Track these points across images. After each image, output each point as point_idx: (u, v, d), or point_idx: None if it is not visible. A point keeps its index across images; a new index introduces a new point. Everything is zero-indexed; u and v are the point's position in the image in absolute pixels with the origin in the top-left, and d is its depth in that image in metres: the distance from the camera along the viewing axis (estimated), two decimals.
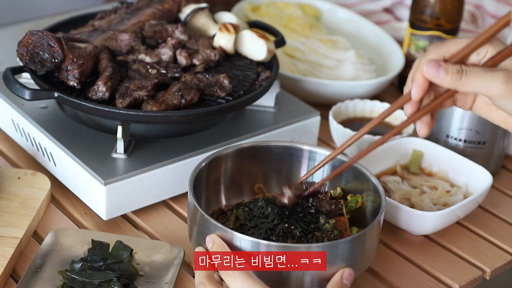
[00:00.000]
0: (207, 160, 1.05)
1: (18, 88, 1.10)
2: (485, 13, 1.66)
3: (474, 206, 1.17)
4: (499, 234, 1.17)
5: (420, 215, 1.11)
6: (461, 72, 0.89)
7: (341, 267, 0.94)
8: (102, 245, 1.04)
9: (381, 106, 1.37)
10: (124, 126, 1.11)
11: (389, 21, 1.72)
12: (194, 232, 0.99)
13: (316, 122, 1.28)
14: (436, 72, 0.89)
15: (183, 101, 1.13)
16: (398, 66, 1.48)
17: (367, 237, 0.97)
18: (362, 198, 1.05)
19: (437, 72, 0.89)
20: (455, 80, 0.89)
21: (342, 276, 0.93)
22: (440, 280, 1.08)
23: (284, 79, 1.39)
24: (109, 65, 1.16)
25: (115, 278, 0.97)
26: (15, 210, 1.09)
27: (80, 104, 1.10)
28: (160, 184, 1.14)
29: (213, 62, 1.24)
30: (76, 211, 1.15)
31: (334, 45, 1.54)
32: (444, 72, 0.89)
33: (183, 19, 1.33)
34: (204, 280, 0.91)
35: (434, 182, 1.21)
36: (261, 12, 1.63)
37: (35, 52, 1.12)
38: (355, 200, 1.05)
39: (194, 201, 0.98)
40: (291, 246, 0.92)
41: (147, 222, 1.14)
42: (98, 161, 1.11)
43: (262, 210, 1.01)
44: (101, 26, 1.27)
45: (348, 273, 0.93)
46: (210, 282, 0.91)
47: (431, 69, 0.90)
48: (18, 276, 1.02)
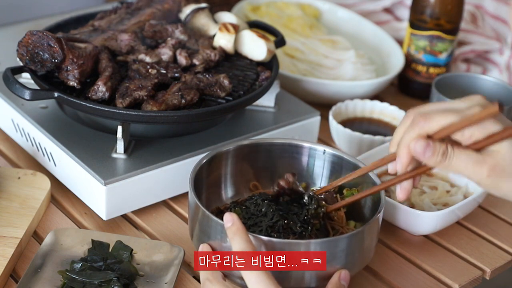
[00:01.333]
0: (208, 157, 1.05)
1: (18, 88, 1.10)
2: (485, 13, 1.66)
3: (474, 206, 1.17)
4: (499, 234, 1.17)
5: (420, 215, 1.11)
6: (446, 155, 0.89)
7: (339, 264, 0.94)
8: (102, 245, 1.04)
9: (381, 106, 1.37)
10: (124, 126, 1.11)
11: (389, 21, 1.72)
12: (196, 231, 1.00)
13: (316, 122, 1.28)
14: (423, 152, 0.90)
15: (183, 101, 1.13)
16: (398, 66, 1.48)
17: (366, 233, 0.97)
18: (357, 191, 1.05)
19: (423, 152, 0.90)
20: (440, 162, 0.90)
21: (340, 277, 0.94)
22: (440, 280, 1.08)
23: (284, 79, 1.39)
24: (109, 65, 1.16)
25: (115, 278, 0.97)
26: (15, 210, 1.09)
27: (80, 104, 1.10)
28: (160, 184, 1.14)
29: (213, 62, 1.24)
30: (76, 211, 1.15)
31: (334, 45, 1.54)
32: (431, 153, 0.90)
33: (183, 19, 1.33)
34: (210, 277, 0.92)
35: (434, 182, 1.21)
36: (261, 12, 1.63)
37: (35, 52, 1.12)
38: (351, 194, 1.05)
39: (196, 198, 0.98)
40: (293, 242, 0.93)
41: (147, 222, 1.14)
42: (98, 161, 1.11)
43: (259, 208, 1.01)
44: (101, 26, 1.27)
45: (345, 274, 0.95)
46: (215, 279, 0.91)
47: (418, 148, 0.90)
48: (18, 276, 1.02)
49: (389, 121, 1.36)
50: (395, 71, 1.47)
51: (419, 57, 1.48)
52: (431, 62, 1.47)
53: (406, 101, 1.50)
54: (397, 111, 1.36)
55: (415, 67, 1.49)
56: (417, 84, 1.49)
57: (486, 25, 1.66)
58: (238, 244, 0.89)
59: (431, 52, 1.47)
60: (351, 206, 1.05)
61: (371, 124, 1.36)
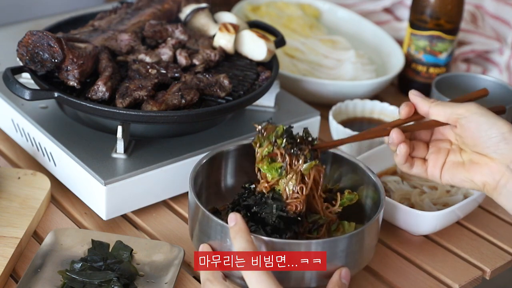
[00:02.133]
0: (208, 157, 1.06)
1: (18, 88, 1.10)
2: (485, 13, 1.66)
3: (474, 206, 1.17)
4: (499, 234, 1.17)
5: (420, 215, 1.11)
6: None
7: (340, 264, 0.94)
8: (102, 245, 1.04)
9: (381, 106, 1.37)
10: (124, 126, 1.11)
11: (389, 21, 1.72)
12: (195, 231, 1.00)
13: (316, 122, 1.28)
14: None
15: (183, 101, 1.13)
16: (398, 66, 1.48)
17: (366, 233, 0.97)
18: (357, 196, 1.05)
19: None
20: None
21: (340, 275, 0.94)
22: (440, 280, 1.08)
23: (284, 79, 1.39)
24: (109, 65, 1.16)
25: (115, 278, 0.97)
26: (15, 210, 1.09)
27: (80, 104, 1.10)
28: (160, 184, 1.14)
29: (213, 62, 1.24)
30: (76, 211, 1.15)
31: (334, 45, 1.54)
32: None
33: (183, 19, 1.33)
34: (211, 277, 0.92)
35: (434, 182, 1.21)
36: (261, 12, 1.63)
37: (35, 52, 1.12)
38: (350, 198, 1.05)
39: (196, 198, 0.98)
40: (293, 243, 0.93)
41: (147, 222, 1.14)
42: (98, 161, 1.11)
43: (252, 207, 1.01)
44: (101, 26, 1.27)
45: (345, 272, 0.95)
46: (216, 279, 0.91)
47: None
48: (18, 276, 1.02)
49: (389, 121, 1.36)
50: (395, 71, 1.47)
51: (419, 57, 1.48)
52: (431, 62, 1.47)
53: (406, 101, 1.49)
54: (397, 111, 1.36)
55: (415, 67, 1.49)
56: (417, 84, 1.49)
57: (486, 25, 1.66)
58: (239, 244, 0.89)
59: (431, 52, 1.47)
60: (351, 206, 1.05)
61: (371, 124, 1.36)
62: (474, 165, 0.99)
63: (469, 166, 1.00)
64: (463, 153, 1.01)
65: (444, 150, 1.03)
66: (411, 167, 1.03)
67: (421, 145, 1.04)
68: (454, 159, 1.02)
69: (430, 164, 1.03)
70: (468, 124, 0.97)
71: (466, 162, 1.00)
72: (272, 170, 1.00)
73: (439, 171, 1.02)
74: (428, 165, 1.03)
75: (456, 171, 1.01)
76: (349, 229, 1.04)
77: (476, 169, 0.99)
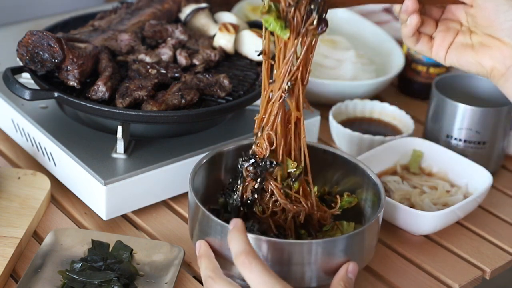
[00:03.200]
0: (208, 157, 1.05)
1: (18, 88, 1.10)
2: None
3: (474, 206, 1.17)
4: (499, 234, 1.17)
5: (420, 215, 1.11)
6: None
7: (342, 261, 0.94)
8: (102, 245, 1.04)
9: (381, 106, 1.37)
10: (124, 126, 1.11)
11: (389, 21, 1.72)
12: (196, 231, 1.00)
13: (316, 122, 1.28)
14: None
15: (183, 101, 1.13)
16: (398, 66, 1.48)
17: (366, 233, 0.97)
18: (356, 199, 1.05)
19: None
20: None
21: (347, 270, 0.93)
22: (440, 280, 1.08)
23: None
24: (109, 65, 1.16)
25: (115, 278, 0.97)
26: (15, 210, 1.09)
27: (80, 104, 1.10)
28: (160, 184, 1.14)
29: (213, 62, 1.24)
30: (76, 211, 1.15)
31: (334, 45, 1.54)
32: None
33: (183, 19, 1.33)
34: (212, 274, 0.91)
35: (434, 182, 1.21)
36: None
37: (35, 52, 1.12)
38: (349, 201, 1.05)
39: (196, 198, 0.98)
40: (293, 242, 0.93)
41: (147, 222, 1.14)
42: (98, 161, 1.11)
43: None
44: (101, 26, 1.27)
45: (353, 267, 0.93)
46: (218, 276, 0.91)
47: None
48: (18, 276, 1.02)
49: (389, 121, 1.36)
50: (395, 71, 1.47)
51: (419, 57, 1.48)
52: (431, 62, 1.47)
53: (406, 101, 1.50)
54: (397, 111, 1.36)
55: (415, 67, 1.49)
56: (417, 84, 1.49)
57: None
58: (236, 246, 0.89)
59: None
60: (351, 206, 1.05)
61: (371, 124, 1.36)
62: (485, 47, 0.96)
63: (479, 48, 0.97)
64: (473, 35, 0.98)
65: (453, 30, 1.00)
66: (417, 42, 1.00)
67: (430, 22, 1.00)
68: (462, 40, 0.99)
69: (437, 42, 1.00)
70: (485, 3, 0.94)
71: (475, 44, 0.97)
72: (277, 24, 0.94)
73: (445, 50, 0.99)
74: (434, 43, 1.00)
75: (464, 52, 0.98)
76: (348, 229, 1.04)
77: (486, 52, 0.96)
